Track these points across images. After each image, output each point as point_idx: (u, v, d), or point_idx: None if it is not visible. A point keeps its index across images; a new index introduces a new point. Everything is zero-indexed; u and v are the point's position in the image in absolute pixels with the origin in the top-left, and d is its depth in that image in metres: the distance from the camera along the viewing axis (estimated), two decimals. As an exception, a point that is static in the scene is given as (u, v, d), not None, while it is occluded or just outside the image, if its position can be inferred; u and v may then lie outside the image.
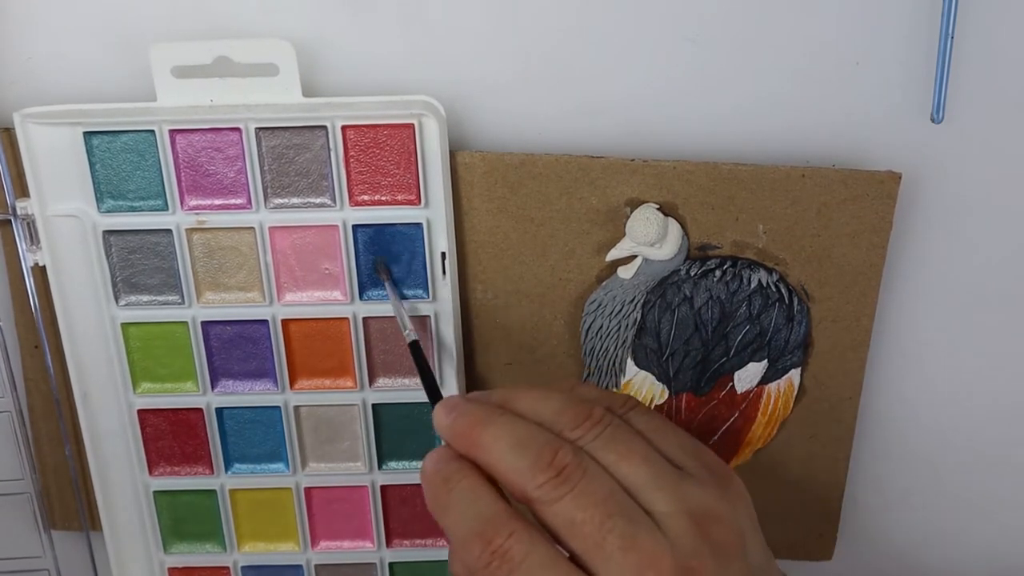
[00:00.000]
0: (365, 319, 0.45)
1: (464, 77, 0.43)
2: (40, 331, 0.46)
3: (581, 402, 0.34)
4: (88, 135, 0.42)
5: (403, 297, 0.44)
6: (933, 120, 0.42)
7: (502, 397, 0.35)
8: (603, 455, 0.32)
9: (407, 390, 0.46)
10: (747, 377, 0.46)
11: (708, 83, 0.43)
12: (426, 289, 0.44)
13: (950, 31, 0.41)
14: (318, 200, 0.43)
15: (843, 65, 0.43)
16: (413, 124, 0.42)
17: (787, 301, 0.45)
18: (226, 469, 0.48)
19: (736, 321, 0.45)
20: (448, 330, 0.45)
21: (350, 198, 0.43)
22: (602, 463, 0.32)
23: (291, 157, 0.43)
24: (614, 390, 0.47)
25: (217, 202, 0.43)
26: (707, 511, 0.32)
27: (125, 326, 0.45)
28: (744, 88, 0.43)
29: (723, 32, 0.42)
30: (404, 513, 0.49)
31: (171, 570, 0.50)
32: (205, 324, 0.45)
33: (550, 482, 0.31)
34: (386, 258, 0.43)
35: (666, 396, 0.47)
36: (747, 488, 0.51)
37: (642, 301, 0.45)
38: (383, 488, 0.48)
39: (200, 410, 0.47)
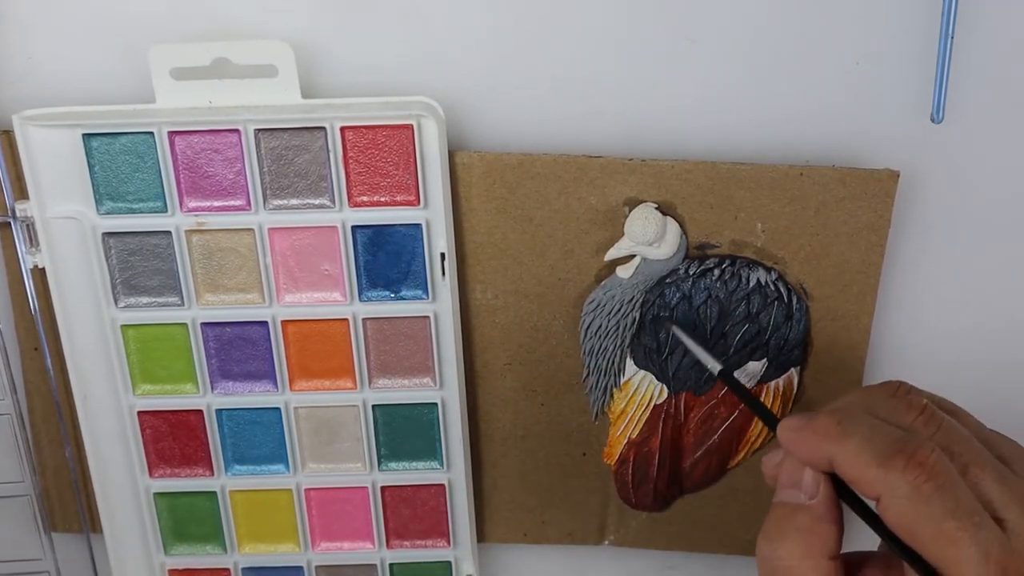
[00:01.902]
0: (364, 320, 0.45)
1: (463, 78, 0.43)
2: (40, 333, 0.46)
3: (908, 397, 0.34)
4: (87, 137, 0.42)
5: (402, 298, 0.44)
6: (933, 120, 0.42)
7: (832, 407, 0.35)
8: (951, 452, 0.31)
9: (407, 390, 0.46)
10: (746, 376, 0.46)
11: (707, 83, 0.43)
12: (426, 289, 0.44)
13: (950, 31, 0.41)
14: (317, 201, 0.43)
15: (843, 65, 0.43)
16: (412, 125, 0.42)
17: (786, 300, 0.45)
18: (226, 470, 0.48)
19: (735, 320, 0.45)
20: (448, 330, 0.45)
21: (349, 199, 0.43)
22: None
23: (290, 158, 0.43)
24: (614, 391, 0.47)
25: (216, 204, 0.43)
26: None
27: (125, 328, 0.45)
28: (743, 87, 0.43)
29: (723, 32, 0.42)
30: (404, 513, 0.49)
31: (171, 572, 0.50)
32: (204, 326, 0.45)
33: (916, 477, 0.30)
34: (674, 318, 0.45)
35: (665, 395, 0.47)
36: (747, 488, 0.50)
37: (641, 300, 0.45)
38: (383, 488, 0.48)
39: (200, 411, 0.47)
